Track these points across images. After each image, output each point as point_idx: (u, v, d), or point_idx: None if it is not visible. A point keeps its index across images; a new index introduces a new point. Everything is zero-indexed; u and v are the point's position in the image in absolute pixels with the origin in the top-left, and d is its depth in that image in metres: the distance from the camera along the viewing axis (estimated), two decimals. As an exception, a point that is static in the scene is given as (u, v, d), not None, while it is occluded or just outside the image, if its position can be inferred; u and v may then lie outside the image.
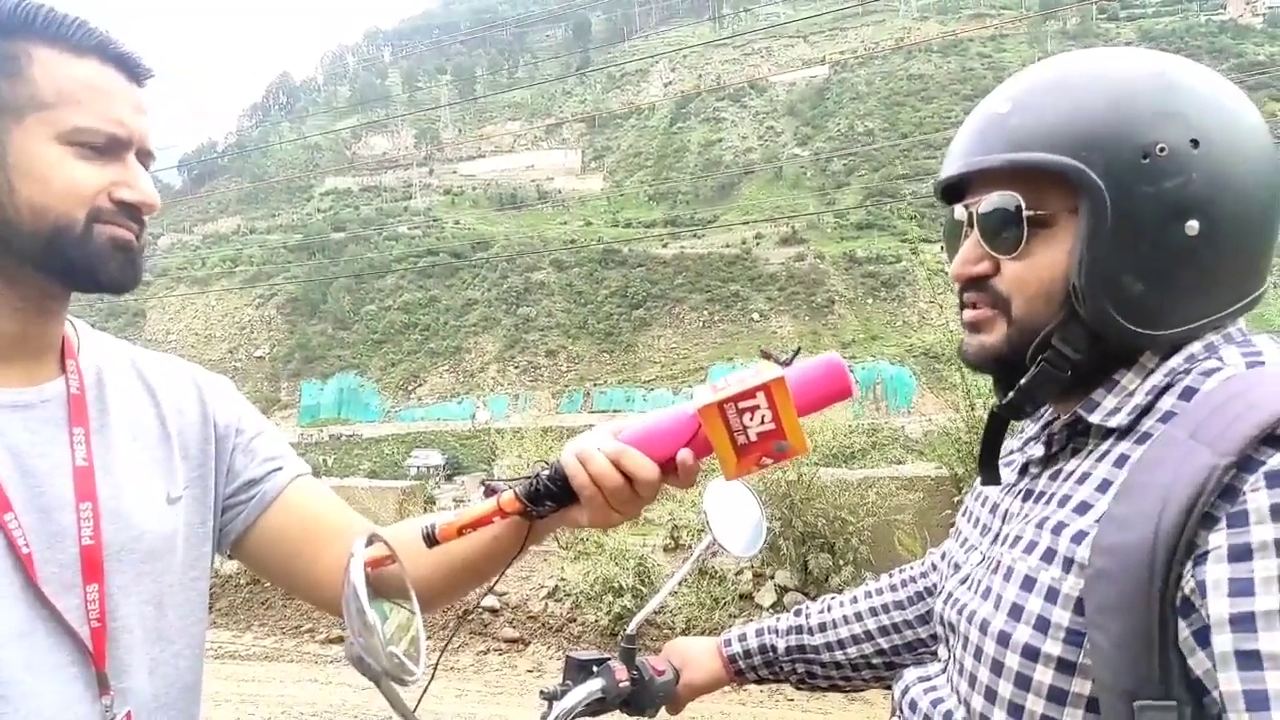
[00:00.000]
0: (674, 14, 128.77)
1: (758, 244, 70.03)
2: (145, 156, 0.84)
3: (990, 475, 0.86)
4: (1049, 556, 0.72)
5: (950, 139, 0.81)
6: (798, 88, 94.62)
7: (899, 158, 73.80)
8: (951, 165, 0.79)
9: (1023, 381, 0.76)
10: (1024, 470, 0.84)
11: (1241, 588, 0.58)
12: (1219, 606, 0.59)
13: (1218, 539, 0.60)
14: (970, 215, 0.79)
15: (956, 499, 4.87)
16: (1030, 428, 0.90)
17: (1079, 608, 0.68)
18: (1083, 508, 0.72)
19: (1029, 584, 0.72)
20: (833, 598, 1.19)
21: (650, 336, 64.92)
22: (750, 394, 0.78)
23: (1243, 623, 0.57)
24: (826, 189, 77.16)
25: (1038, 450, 0.83)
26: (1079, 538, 0.70)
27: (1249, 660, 0.57)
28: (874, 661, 1.11)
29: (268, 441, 1.01)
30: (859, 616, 1.13)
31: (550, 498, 0.84)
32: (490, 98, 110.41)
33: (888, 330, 56.03)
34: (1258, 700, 0.56)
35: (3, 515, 0.76)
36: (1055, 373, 0.75)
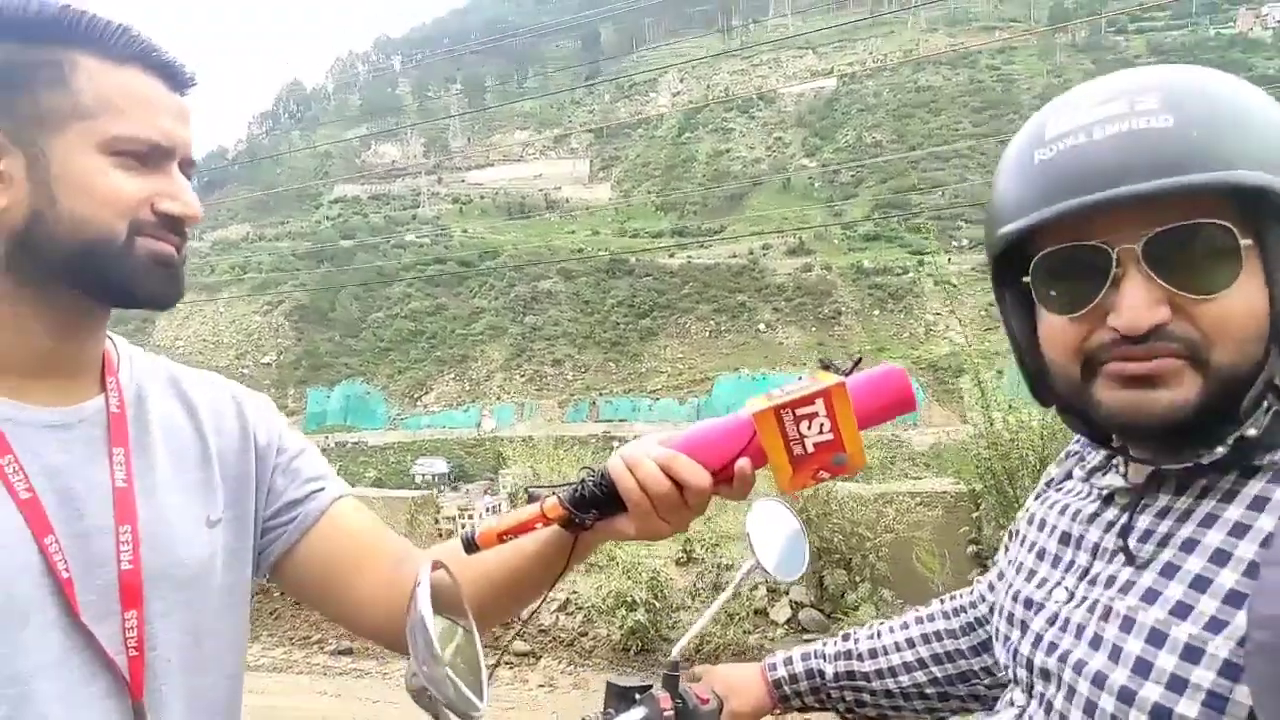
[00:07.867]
0: (683, 25, 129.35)
1: (765, 255, 70.11)
2: (188, 166, 0.82)
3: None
4: (1182, 611, 0.66)
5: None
6: (806, 99, 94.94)
7: (907, 169, 73.84)
8: (1096, 187, 0.65)
9: (1250, 432, 0.67)
10: (1108, 499, 0.77)
11: None
12: None
13: None
14: (1134, 251, 0.67)
15: (975, 515, 4.81)
16: (1092, 454, 0.84)
17: (1226, 671, 0.62)
18: (1221, 557, 0.66)
19: (1157, 638, 0.66)
20: (881, 623, 1.15)
21: (657, 346, 64.95)
22: (809, 400, 0.74)
23: None
24: (834, 200, 77.31)
25: (1117, 480, 0.77)
26: (1231, 598, 0.63)
27: None
28: (926, 691, 1.07)
29: (309, 461, 0.98)
30: (910, 643, 1.09)
31: (595, 505, 0.80)
32: (499, 107, 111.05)
33: (894, 342, 55.93)
34: None
35: (43, 538, 0.73)
36: None
